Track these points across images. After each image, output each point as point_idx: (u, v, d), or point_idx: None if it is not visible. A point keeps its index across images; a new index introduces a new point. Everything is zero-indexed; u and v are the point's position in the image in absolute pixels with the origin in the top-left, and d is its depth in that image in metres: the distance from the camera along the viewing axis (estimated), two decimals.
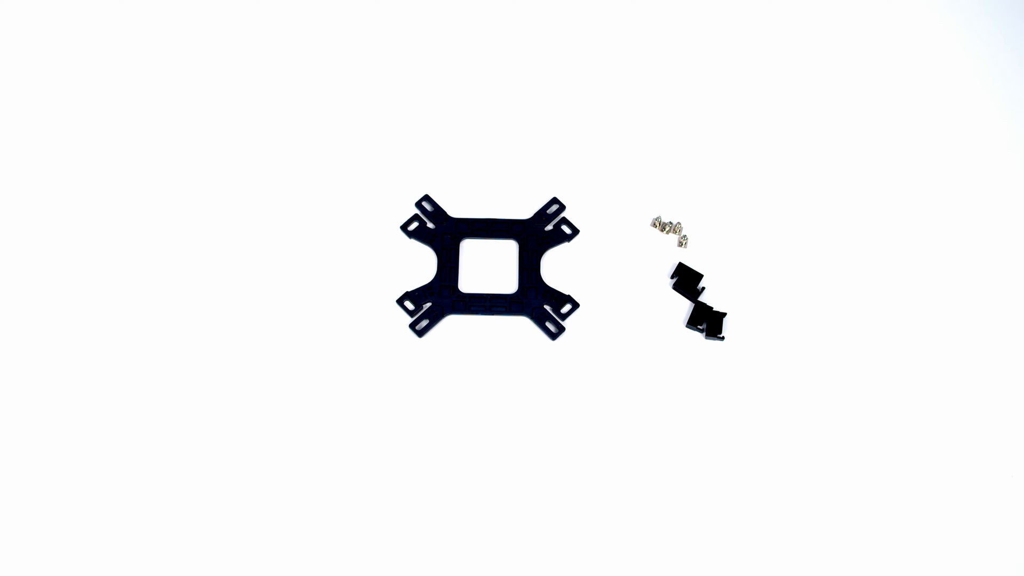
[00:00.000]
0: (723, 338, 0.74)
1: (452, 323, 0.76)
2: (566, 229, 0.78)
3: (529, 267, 0.77)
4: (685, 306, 0.76)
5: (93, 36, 0.85)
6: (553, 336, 0.75)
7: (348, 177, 0.80)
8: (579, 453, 0.72)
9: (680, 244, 0.77)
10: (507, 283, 0.77)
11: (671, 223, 0.77)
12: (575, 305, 0.76)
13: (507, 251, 0.78)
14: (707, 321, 0.74)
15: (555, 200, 0.79)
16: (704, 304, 0.75)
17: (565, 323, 0.76)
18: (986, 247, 0.76)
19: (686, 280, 0.75)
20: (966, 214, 0.78)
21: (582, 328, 0.75)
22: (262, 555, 0.70)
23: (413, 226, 0.79)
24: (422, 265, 0.78)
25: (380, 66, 0.85)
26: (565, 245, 0.78)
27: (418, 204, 0.79)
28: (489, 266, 0.78)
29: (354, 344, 0.75)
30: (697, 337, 0.75)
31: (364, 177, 0.80)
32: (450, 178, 0.80)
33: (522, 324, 0.76)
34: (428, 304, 0.76)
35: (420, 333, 0.75)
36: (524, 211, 0.79)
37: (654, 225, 0.78)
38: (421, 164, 0.81)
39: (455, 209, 0.79)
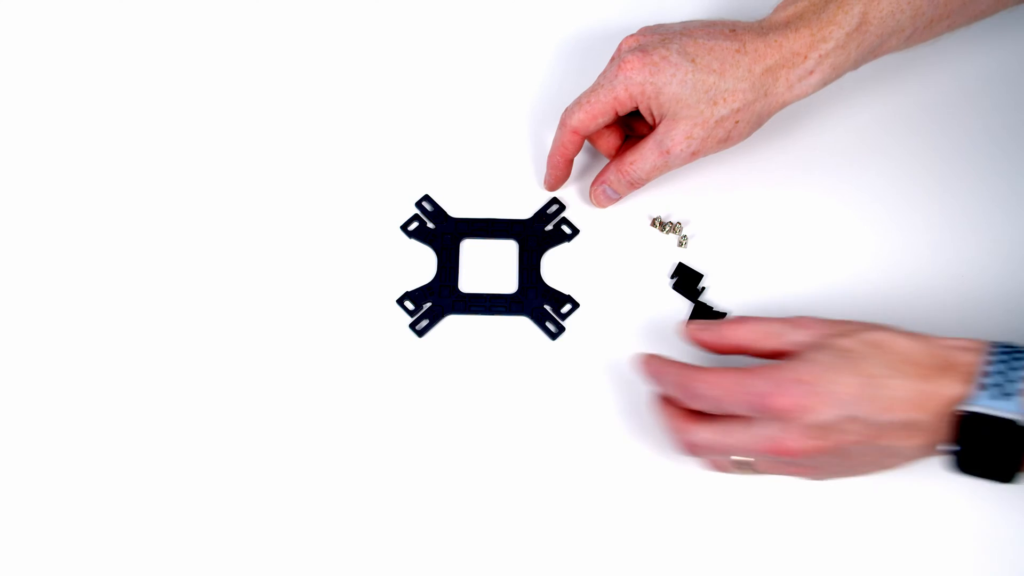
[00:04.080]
0: None
1: (452, 323, 0.76)
2: (566, 229, 0.78)
3: (529, 267, 0.77)
4: (685, 306, 0.76)
5: (92, 36, 0.86)
6: (553, 336, 0.75)
7: (348, 177, 0.80)
8: (580, 453, 0.72)
9: (680, 244, 0.77)
10: (507, 283, 0.77)
11: (671, 223, 0.77)
12: (575, 305, 0.76)
13: (507, 251, 0.78)
14: None
15: (555, 200, 0.79)
16: (704, 304, 0.75)
17: (565, 323, 0.76)
18: (987, 248, 0.76)
19: (686, 280, 0.75)
20: (967, 214, 0.77)
21: (582, 328, 0.75)
22: (260, 555, 0.70)
23: (413, 226, 0.78)
24: (422, 265, 0.78)
25: (380, 65, 0.85)
26: (565, 245, 0.78)
27: (418, 204, 0.79)
28: (489, 266, 0.78)
29: (354, 344, 0.75)
30: None
31: (364, 177, 0.80)
32: (450, 178, 0.80)
33: (522, 324, 0.76)
34: (428, 304, 0.76)
35: (420, 333, 0.75)
36: (524, 211, 0.79)
37: (654, 225, 0.78)
38: (421, 164, 0.81)
39: (455, 209, 0.79)
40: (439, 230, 0.78)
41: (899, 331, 0.60)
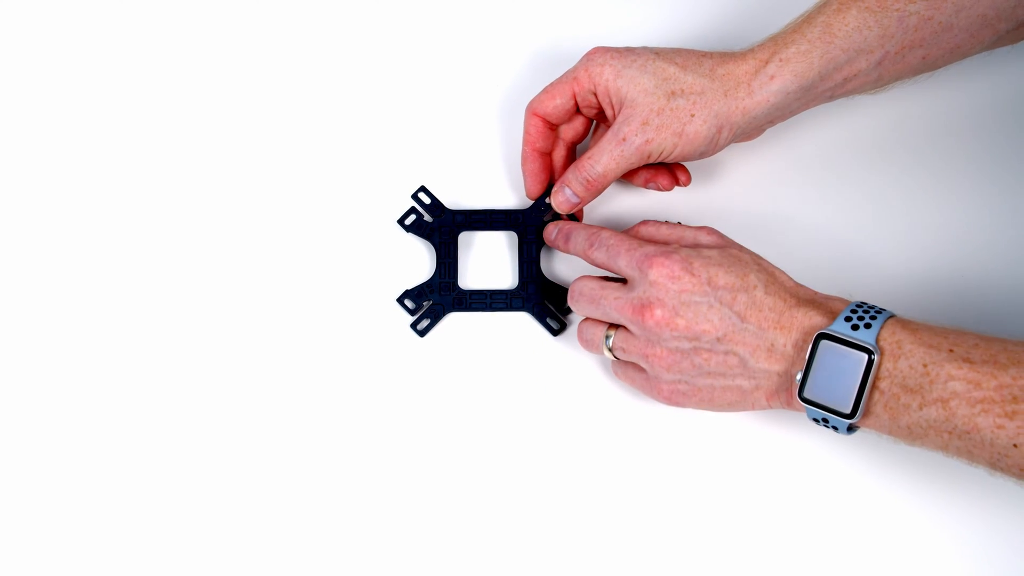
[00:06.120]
0: None
1: (452, 320, 0.76)
2: (566, 217, 0.77)
3: (529, 260, 0.76)
4: None
5: (88, 31, 0.82)
6: (555, 332, 0.75)
7: (341, 171, 0.79)
8: (582, 449, 0.73)
9: None
10: (507, 277, 0.77)
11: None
12: None
13: (507, 243, 0.78)
14: None
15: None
16: None
17: (567, 319, 0.75)
18: (989, 249, 0.76)
19: None
20: (968, 215, 0.77)
21: None
22: (260, 555, 0.71)
23: (410, 219, 0.77)
24: (418, 259, 0.77)
25: (376, 55, 0.82)
26: None
27: (414, 196, 0.78)
28: (489, 260, 0.77)
29: (353, 343, 0.75)
30: None
31: (357, 171, 0.79)
32: (446, 169, 0.79)
33: (524, 320, 0.76)
34: (428, 303, 0.75)
35: (421, 333, 0.75)
36: (523, 203, 0.78)
37: None
38: (415, 157, 0.79)
39: (452, 201, 0.78)
40: (437, 223, 0.77)
41: (784, 272, 0.66)
